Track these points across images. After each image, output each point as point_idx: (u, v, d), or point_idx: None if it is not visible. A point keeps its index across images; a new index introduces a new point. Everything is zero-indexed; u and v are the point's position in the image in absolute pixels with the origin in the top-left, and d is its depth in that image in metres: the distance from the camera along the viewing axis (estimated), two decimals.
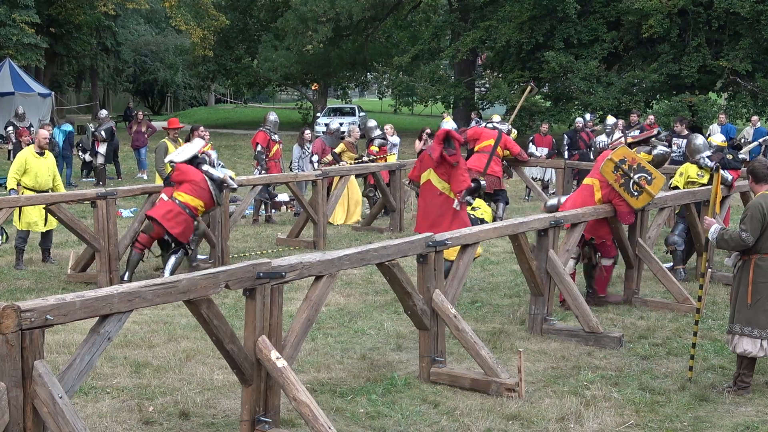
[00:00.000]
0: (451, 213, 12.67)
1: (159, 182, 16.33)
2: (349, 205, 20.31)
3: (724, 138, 16.65)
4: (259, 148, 20.12)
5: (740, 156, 15.79)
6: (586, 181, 12.54)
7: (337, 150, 20.97)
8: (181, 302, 6.92)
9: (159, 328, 11.11)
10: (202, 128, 18.71)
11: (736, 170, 14.55)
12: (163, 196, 13.72)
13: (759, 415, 8.53)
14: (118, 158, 28.89)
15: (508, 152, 18.96)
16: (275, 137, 20.59)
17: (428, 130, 22.58)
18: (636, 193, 11.98)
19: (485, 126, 19.17)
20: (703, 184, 14.12)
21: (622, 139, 14.60)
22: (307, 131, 21.86)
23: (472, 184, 12.89)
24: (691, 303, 12.12)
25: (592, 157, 24.14)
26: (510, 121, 21.23)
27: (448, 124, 12.88)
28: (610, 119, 23.90)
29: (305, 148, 21.28)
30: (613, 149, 12.83)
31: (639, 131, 24.64)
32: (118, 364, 9.65)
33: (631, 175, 11.90)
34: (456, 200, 12.62)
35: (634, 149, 12.57)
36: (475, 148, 18.69)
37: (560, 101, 39.90)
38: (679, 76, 37.49)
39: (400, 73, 48.84)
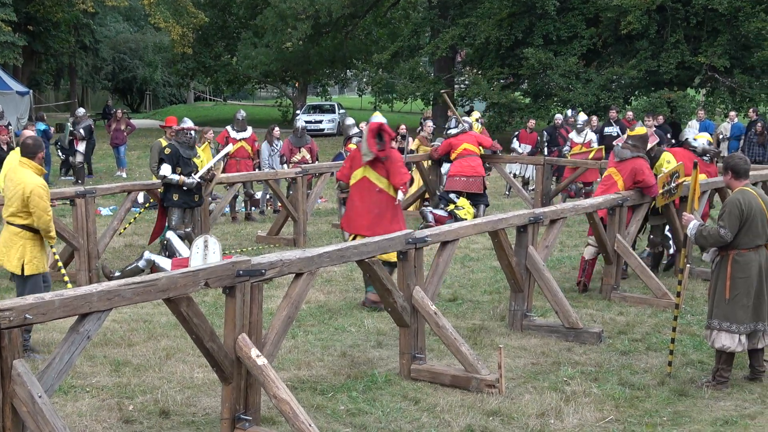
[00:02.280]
0: (391, 210, 12.18)
1: (145, 180, 16.25)
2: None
3: (709, 135, 16.85)
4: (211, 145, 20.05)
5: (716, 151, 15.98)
6: (606, 173, 13.45)
7: (412, 146, 21.09)
8: (160, 300, 6.91)
9: (139, 327, 11.08)
10: (211, 132, 18.88)
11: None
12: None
13: (738, 409, 8.58)
14: (91, 157, 28.73)
15: (482, 147, 19.12)
16: (238, 135, 20.60)
17: (403, 128, 22.69)
18: (666, 197, 13.07)
19: (449, 133, 19.26)
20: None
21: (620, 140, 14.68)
22: (276, 128, 21.85)
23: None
24: (670, 298, 12.18)
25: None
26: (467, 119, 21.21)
27: (378, 117, 12.61)
28: (582, 116, 23.90)
29: (274, 145, 21.27)
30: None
31: (619, 128, 24.71)
32: (98, 362, 9.62)
33: (671, 186, 12.95)
34: (400, 193, 12.18)
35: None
36: (452, 156, 18.84)
37: (539, 98, 39.89)
38: (657, 73, 37.57)
39: (379, 70, 48.84)
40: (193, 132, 14.85)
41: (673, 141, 22.53)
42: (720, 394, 8.95)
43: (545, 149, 24.20)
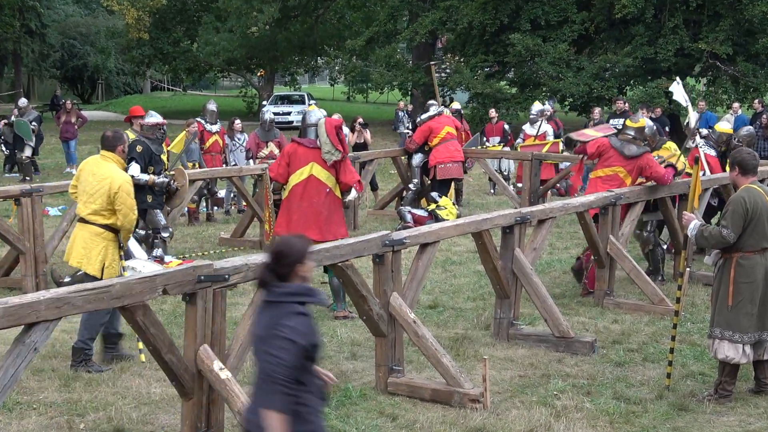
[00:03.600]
0: (338, 212, 12.10)
1: None
2: None
3: (729, 125, 17.16)
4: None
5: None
6: (608, 171, 13.53)
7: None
8: (114, 309, 6.88)
9: None
10: (195, 125, 18.89)
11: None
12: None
13: (742, 425, 8.63)
14: (38, 152, 28.62)
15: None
16: (212, 128, 20.57)
17: (360, 120, 22.79)
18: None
19: (422, 118, 19.41)
20: None
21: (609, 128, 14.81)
22: (237, 121, 21.84)
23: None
24: (668, 305, 12.23)
25: (561, 147, 24.30)
26: (439, 102, 21.28)
27: (319, 112, 12.53)
28: (537, 105, 23.93)
29: (236, 139, 21.25)
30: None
31: (624, 120, 24.73)
32: (46, 377, 9.59)
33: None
34: (353, 191, 12.11)
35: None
36: (434, 142, 18.91)
37: (527, 87, 39.97)
38: (654, 60, 37.71)
39: (353, 58, 48.87)
40: (165, 128, 14.84)
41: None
42: (723, 408, 8.99)
43: None
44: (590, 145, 13.80)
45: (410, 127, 23.14)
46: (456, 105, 23.86)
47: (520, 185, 21.63)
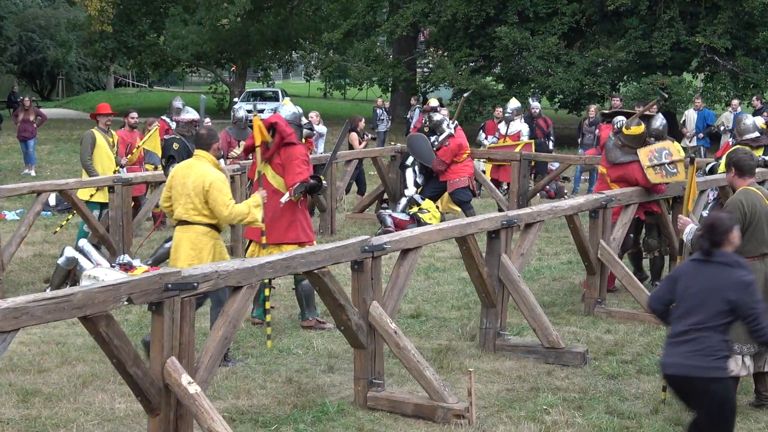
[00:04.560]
0: (289, 215, 11.94)
1: (58, 179, 16.16)
2: None
3: (764, 120, 17.21)
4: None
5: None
6: (600, 169, 14.07)
7: None
8: (76, 319, 6.87)
9: (51, 350, 11.01)
10: (156, 123, 18.88)
11: None
12: None
13: None
14: None
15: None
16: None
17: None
18: (662, 174, 13.40)
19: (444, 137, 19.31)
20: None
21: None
22: (207, 119, 21.78)
23: (311, 180, 12.07)
24: None
25: (551, 147, 24.41)
26: (455, 117, 21.22)
27: (285, 109, 12.50)
28: (513, 103, 23.95)
29: None
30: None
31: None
32: (3, 392, 9.56)
33: (663, 161, 13.26)
34: (286, 194, 11.83)
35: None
36: (462, 158, 19.09)
37: (514, 83, 40.05)
38: (649, 55, 37.84)
39: (330, 52, 48.94)
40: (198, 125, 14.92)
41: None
42: None
43: None
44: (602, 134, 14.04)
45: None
46: (434, 102, 23.85)
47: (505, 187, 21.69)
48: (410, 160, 19.72)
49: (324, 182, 12.68)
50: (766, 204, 9.11)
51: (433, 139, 19.09)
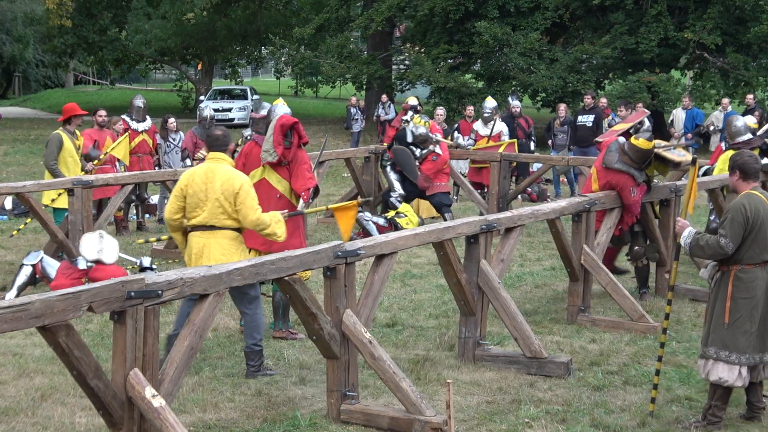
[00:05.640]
0: (292, 221, 11.97)
1: (13, 181, 16.12)
2: None
3: (755, 120, 17.33)
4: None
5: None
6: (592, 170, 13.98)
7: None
8: (34, 329, 6.85)
9: (7, 361, 10.97)
10: (121, 122, 18.89)
11: None
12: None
13: None
14: None
15: None
16: (139, 126, 20.48)
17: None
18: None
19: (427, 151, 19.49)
20: None
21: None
22: (172, 119, 21.74)
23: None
24: (649, 321, 12.37)
25: (533, 147, 24.47)
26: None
27: (285, 108, 12.59)
28: (490, 102, 23.99)
29: (170, 139, 21.18)
30: None
31: (594, 116, 24.84)
32: None
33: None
34: (301, 201, 12.03)
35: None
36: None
37: (495, 81, 40.13)
38: (635, 51, 38.01)
39: (301, 48, 48.87)
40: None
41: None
42: None
43: None
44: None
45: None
46: (413, 101, 23.87)
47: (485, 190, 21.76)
48: (386, 156, 19.80)
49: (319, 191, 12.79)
50: None
51: (417, 151, 19.27)
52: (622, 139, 13.53)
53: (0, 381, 10.30)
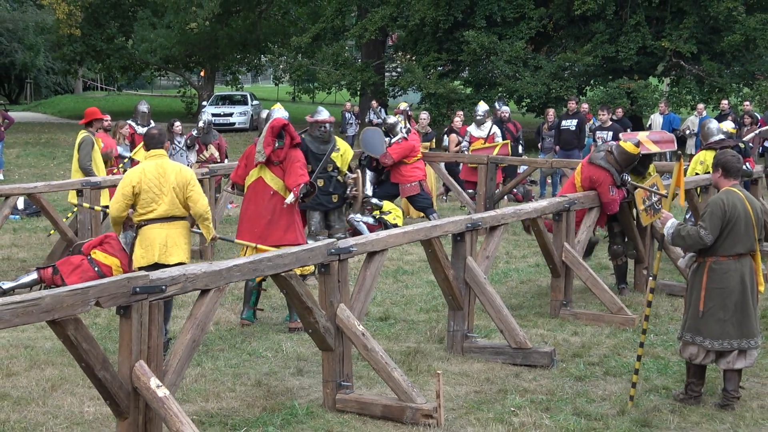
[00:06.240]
0: (287, 217, 12.16)
1: (26, 182, 16.08)
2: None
3: (733, 125, 17.44)
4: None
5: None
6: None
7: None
8: (44, 323, 6.85)
9: (19, 354, 10.95)
10: (127, 126, 18.85)
11: (748, 158, 15.50)
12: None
13: None
14: None
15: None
16: (144, 130, 20.47)
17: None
18: (651, 213, 13.52)
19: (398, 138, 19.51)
20: None
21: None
22: (177, 123, 21.75)
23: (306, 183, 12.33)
24: (627, 314, 12.39)
25: (521, 150, 24.49)
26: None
27: (281, 112, 12.72)
28: (482, 106, 23.95)
29: (176, 142, 21.18)
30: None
31: (578, 121, 24.82)
32: None
33: (653, 201, 13.26)
34: (291, 195, 12.07)
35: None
36: (411, 161, 19.46)
37: (482, 87, 40.13)
38: (615, 59, 38.03)
39: (298, 56, 48.80)
40: (328, 125, 14.88)
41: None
42: (687, 424, 9.07)
43: None
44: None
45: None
46: (403, 105, 23.86)
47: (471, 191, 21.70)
48: (364, 156, 19.86)
49: (316, 189, 12.87)
50: (747, 206, 9.31)
51: (387, 140, 19.40)
52: (611, 144, 13.67)
53: (12, 372, 10.29)
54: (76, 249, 13.88)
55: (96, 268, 13.38)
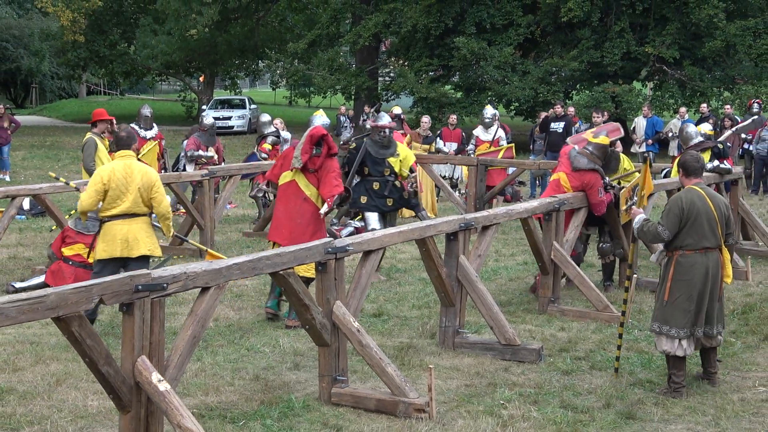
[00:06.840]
0: (315, 223, 12.14)
1: (32, 184, 16.06)
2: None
3: (711, 127, 17.51)
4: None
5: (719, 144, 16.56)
6: (554, 177, 13.72)
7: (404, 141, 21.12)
8: (49, 320, 6.83)
9: (25, 349, 10.94)
10: (278, 121, 18.94)
11: (727, 158, 15.87)
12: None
13: None
14: None
15: None
16: (147, 134, 20.45)
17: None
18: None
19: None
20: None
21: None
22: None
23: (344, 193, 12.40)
24: (613, 311, 12.38)
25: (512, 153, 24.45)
26: None
27: (322, 119, 12.73)
28: (489, 110, 23.85)
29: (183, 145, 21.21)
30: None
31: (564, 123, 24.83)
32: None
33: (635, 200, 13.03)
34: (325, 204, 12.09)
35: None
36: None
37: (472, 92, 40.14)
38: (600, 64, 38.06)
39: (295, 61, 48.77)
40: (388, 130, 14.94)
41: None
42: (670, 416, 9.08)
43: None
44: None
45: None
46: (397, 110, 23.84)
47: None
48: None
49: (351, 195, 12.99)
50: (708, 202, 9.53)
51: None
52: (576, 148, 13.56)
53: (19, 367, 10.27)
54: (51, 257, 13.84)
55: (70, 262, 13.34)
